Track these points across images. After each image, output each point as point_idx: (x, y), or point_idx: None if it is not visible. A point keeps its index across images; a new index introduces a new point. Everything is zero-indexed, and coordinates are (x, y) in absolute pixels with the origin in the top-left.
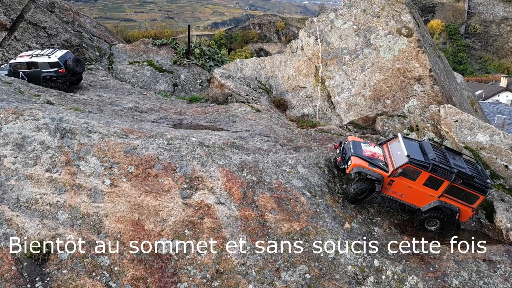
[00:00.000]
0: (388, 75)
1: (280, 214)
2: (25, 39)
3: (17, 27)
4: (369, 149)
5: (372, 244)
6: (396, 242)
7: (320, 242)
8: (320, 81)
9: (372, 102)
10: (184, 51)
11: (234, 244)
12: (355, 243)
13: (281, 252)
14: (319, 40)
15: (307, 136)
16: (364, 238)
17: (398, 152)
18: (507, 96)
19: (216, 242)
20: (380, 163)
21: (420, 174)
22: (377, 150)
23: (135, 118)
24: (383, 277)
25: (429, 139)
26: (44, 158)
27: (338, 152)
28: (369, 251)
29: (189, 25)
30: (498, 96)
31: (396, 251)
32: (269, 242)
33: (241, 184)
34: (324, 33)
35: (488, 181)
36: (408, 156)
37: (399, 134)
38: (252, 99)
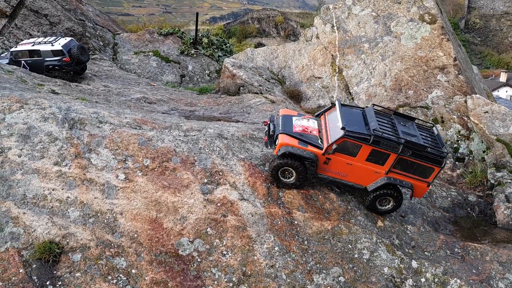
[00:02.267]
0: (410, 64)
1: (309, 211)
2: (26, 26)
3: (17, 14)
4: (301, 123)
5: (408, 243)
6: (432, 241)
7: (354, 242)
8: (337, 70)
9: (393, 92)
10: (192, 41)
11: (261, 244)
12: (390, 243)
13: (312, 252)
14: (335, 27)
15: None
16: (399, 237)
17: (336, 124)
18: (506, 91)
19: (241, 242)
20: (313, 139)
21: (361, 149)
22: (311, 124)
23: (145, 109)
24: (423, 279)
25: (374, 104)
26: (52, 151)
27: (266, 130)
28: (406, 251)
29: (197, 13)
30: (498, 91)
31: (434, 252)
32: (298, 242)
33: (264, 179)
34: (341, 21)
35: (444, 150)
36: (343, 128)
37: (336, 102)
38: (266, 89)
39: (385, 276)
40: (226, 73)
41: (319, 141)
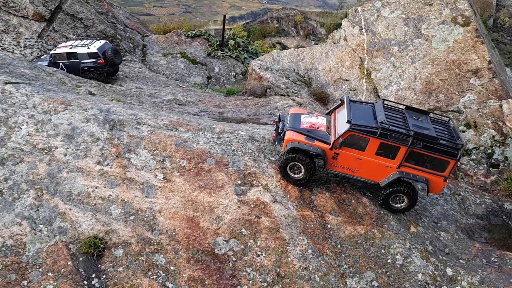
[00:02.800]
0: (442, 68)
1: (342, 215)
2: (63, 30)
3: (55, 18)
4: (309, 120)
5: (442, 250)
6: (467, 249)
7: (387, 247)
8: (365, 73)
9: (423, 96)
10: (218, 43)
11: (294, 246)
12: (424, 249)
13: (345, 256)
14: (364, 30)
15: None
16: (432, 243)
17: (344, 119)
18: None
19: (275, 243)
20: (321, 135)
21: (369, 142)
22: (319, 121)
23: (176, 111)
24: None
25: (384, 100)
26: (94, 150)
27: (275, 128)
28: (440, 258)
29: (224, 15)
30: None
31: (469, 260)
32: (331, 245)
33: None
34: (370, 23)
35: (459, 141)
36: (349, 122)
37: (345, 98)
38: (292, 91)
39: (419, 283)
40: (253, 75)
41: (327, 137)
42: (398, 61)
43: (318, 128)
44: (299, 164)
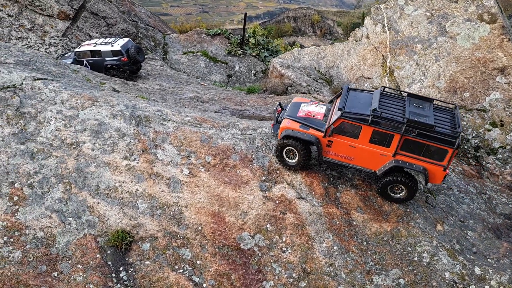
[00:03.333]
0: (466, 66)
1: (368, 213)
2: (86, 28)
3: (79, 16)
4: (307, 109)
5: (469, 249)
6: (495, 248)
7: (413, 244)
8: (388, 71)
9: (447, 94)
10: (239, 41)
11: (320, 243)
12: (451, 247)
13: (371, 253)
14: (386, 28)
15: None
16: (459, 242)
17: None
18: None
19: (300, 239)
20: (316, 123)
21: (362, 130)
22: (317, 109)
23: (199, 108)
24: (487, 287)
25: (384, 87)
26: (121, 145)
27: (274, 117)
28: (468, 257)
29: (245, 14)
30: None
31: (498, 259)
32: (357, 242)
33: (321, 179)
34: (393, 21)
35: (458, 130)
36: (340, 109)
37: (344, 86)
38: (314, 89)
39: (447, 281)
40: (275, 73)
41: (322, 125)
42: (422, 59)
43: (314, 116)
44: (294, 150)
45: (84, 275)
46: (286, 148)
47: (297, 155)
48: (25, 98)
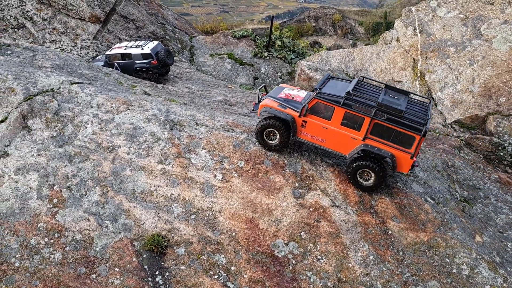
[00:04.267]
0: (503, 70)
1: (404, 222)
2: (116, 31)
3: (109, 19)
4: (289, 92)
5: (510, 262)
6: None
7: (451, 256)
8: (418, 75)
9: (482, 99)
10: (265, 43)
11: (355, 252)
12: (491, 260)
13: (408, 264)
14: (417, 30)
15: None
16: (499, 254)
17: None
18: None
19: (335, 248)
20: (293, 104)
21: (334, 111)
22: (298, 93)
23: (227, 111)
24: None
25: (363, 77)
26: (156, 150)
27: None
28: (509, 270)
29: (272, 17)
30: None
31: None
32: (393, 252)
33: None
34: (424, 23)
35: (426, 117)
36: (315, 89)
37: (326, 73)
38: None
39: None
40: (302, 76)
41: (299, 106)
42: (455, 63)
43: (293, 98)
44: (275, 130)
45: (121, 278)
46: (267, 130)
47: (278, 135)
48: (62, 101)
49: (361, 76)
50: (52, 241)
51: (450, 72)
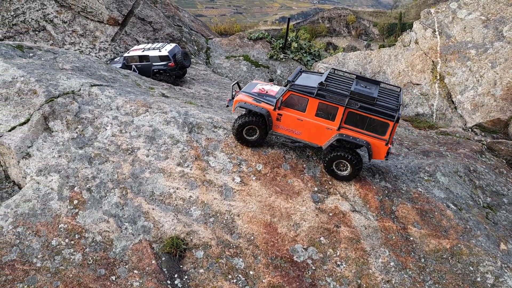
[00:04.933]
0: None
1: (425, 228)
2: (134, 33)
3: (127, 22)
4: (262, 87)
5: None
6: None
7: (475, 264)
8: (438, 77)
9: (504, 102)
10: (281, 45)
11: (375, 258)
12: None
13: (430, 271)
14: (437, 32)
15: (428, 138)
16: None
17: None
18: None
19: (355, 254)
20: (267, 98)
21: (308, 102)
22: (272, 88)
23: None
24: None
25: (334, 69)
26: (175, 152)
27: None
28: None
29: (288, 18)
30: None
31: None
32: (415, 259)
33: (376, 192)
34: (444, 25)
35: (398, 103)
36: (289, 82)
37: (297, 68)
38: None
39: None
40: None
41: (274, 100)
42: (476, 65)
43: (267, 92)
44: (255, 127)
45: (141, 281)
46: (247, 127)
47: (258, 130)
48: (83, 103)
49: (332, 68)
50: (72, 242)
51: (470, 74)
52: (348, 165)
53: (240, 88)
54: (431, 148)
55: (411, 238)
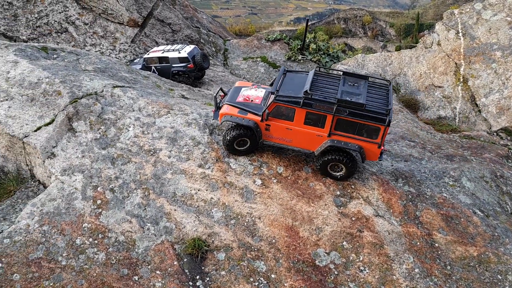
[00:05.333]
0: None
1: (451, 234)
2: (153, 35)
3: (147, 23)
4: (247, 93)
5: None
6: None
7: (504, 272)
8: (461, 80)
9: None
10: (299, 47)
11: (399, 264)
12: None
13: (456, 279)
14: (460, 34)
15: (451, 142)
16: None
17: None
18: None
19: (379, 259)
20: (254, 107)
21: (296, 112)
22: (256, 93)
23: None
24: None
25: (319, 66)
26: (196, 154)
27: (214, 103)
28: None
29: (307, 20)
30: None
31: None
32: (440, 266)
33: (399, 196)
34: (468, 26)
35: (388, 107)
36: (273, 93)
37: (281, 68)
38: None
39: None
40: None
41: (261, 109)
42: (501, 68)
43: (252, 100)
44: (246, 139)
45: (163, 281)
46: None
47: (249, 141)
48: (105, 104)
49: (317, 67)
50: (96, 241)
51: (496, 77)
52: (343, 167)
53: (224, 93)
54: (455, 152)
55: (436, 245)
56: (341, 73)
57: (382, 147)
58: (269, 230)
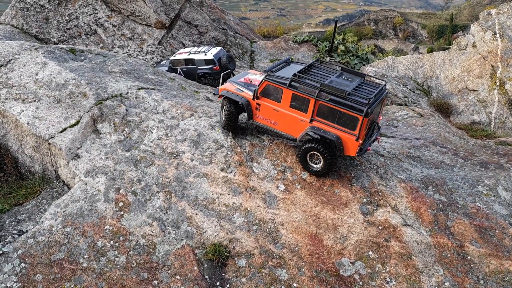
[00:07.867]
0: None
1: (485, 247)
2: (180, 36)
3: (174, 25)
4: (250, 76)
5: None
6: None
7: None
8: (497, 83)
9: None
10: (327, 48)
11: (428, 277)
12: None
13: None
14: (498, 35)
15: (486, 149)
16: None
17: None
18: None
19: (406, 271)
20: (251, 87)
21: (283, 93)
22: (258, 77)
23: None
24: None
25: (320, 60)
26: (219, 157)
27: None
28: None
29: (336, 21)
30: None
31: None
32: (473, 280)
33: (429, 205)
34: (506, 27)
35: (369, 97)
36: (265, 71)
37: (286, 57)
38: (411, 101)
39: None
40: None
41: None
42: None
43: (252, 82)
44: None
45: (183, 287)
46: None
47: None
48: (130, 106)
49: (318, 59)
50: (117, 244)
51: None
52: (321, 158)
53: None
54: (490, 159)
55: (469, 257)
56: (340, 68)
57: (360, 141)
58: (292, 238)
